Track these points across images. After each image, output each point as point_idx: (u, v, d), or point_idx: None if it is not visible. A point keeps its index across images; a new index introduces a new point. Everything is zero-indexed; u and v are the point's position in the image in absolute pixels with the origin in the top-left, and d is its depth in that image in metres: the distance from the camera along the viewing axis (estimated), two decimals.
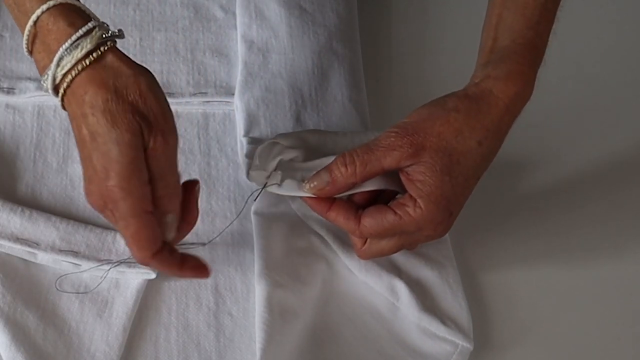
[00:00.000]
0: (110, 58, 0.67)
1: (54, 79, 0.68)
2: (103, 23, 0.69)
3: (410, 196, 0.73)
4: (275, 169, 0.77)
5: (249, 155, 0.82)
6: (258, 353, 0.73)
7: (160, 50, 0.92)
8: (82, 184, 0.81)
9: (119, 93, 0.66)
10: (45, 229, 0.78)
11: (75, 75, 0.67)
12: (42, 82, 0.69)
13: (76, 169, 0.83)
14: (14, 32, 0.91)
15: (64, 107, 0.69)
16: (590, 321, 0.81)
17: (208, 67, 0.91)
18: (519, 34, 0.75)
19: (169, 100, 0.68)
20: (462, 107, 0.73)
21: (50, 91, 0.69)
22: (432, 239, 0.77)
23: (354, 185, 0.74)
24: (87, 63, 0.67)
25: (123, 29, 0.92)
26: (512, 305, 0.81)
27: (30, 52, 0.70)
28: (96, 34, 0.67)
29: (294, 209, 0.82)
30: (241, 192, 0.84)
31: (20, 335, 0.73)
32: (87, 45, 0.67)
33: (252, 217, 0.81)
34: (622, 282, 0.84)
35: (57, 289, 0.76)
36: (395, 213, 0.73)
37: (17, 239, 0.77)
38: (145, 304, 0.77)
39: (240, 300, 0.78)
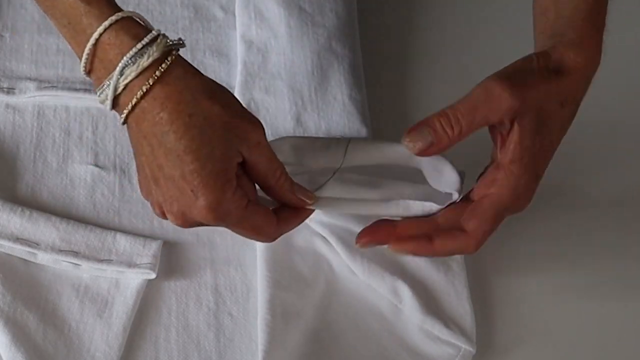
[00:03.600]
0: (179, 70, 0.65)
1: (115, 89, 0.64)
2: (163, 33, 0.66)
3: (497, 167, 0.71)
4: None
5: None
6: (260, 355, 0.73)
7: None
8: (82, 184, 0.82)
9: (198, 108, 0.64)
10: (45, 229, 0.78)
11: (147, 91, 0.64)
12: (97, 94, 0.65)
13: (76, 169, 0.83)
14: (14, 32, 0.91)
15: (125, 122, 0.65)
16: (593, 326, 0.81)
17: (208, 67, 0.91)
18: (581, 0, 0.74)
19: None
20: (545, 73, 0.72)
21: (108, 103, 0.65)
22: (523, 208, 0.74)
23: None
24: (158, 75, 0.64)
25: None
26: (515, 309, 0.81)
27: (89, 72, 0.66)
28: (161, 41, 0.64)
29: None
30: None
31: (20, 335, 0.73)
32: (153, 53, 0.64)
33: None
34: (628, 287, 0.84)
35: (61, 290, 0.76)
36: (489, 195, 0.71)
37: (17, 239, 0.77)
38: (145, 304, 0.77)
39: (240, 300, 0.78)
